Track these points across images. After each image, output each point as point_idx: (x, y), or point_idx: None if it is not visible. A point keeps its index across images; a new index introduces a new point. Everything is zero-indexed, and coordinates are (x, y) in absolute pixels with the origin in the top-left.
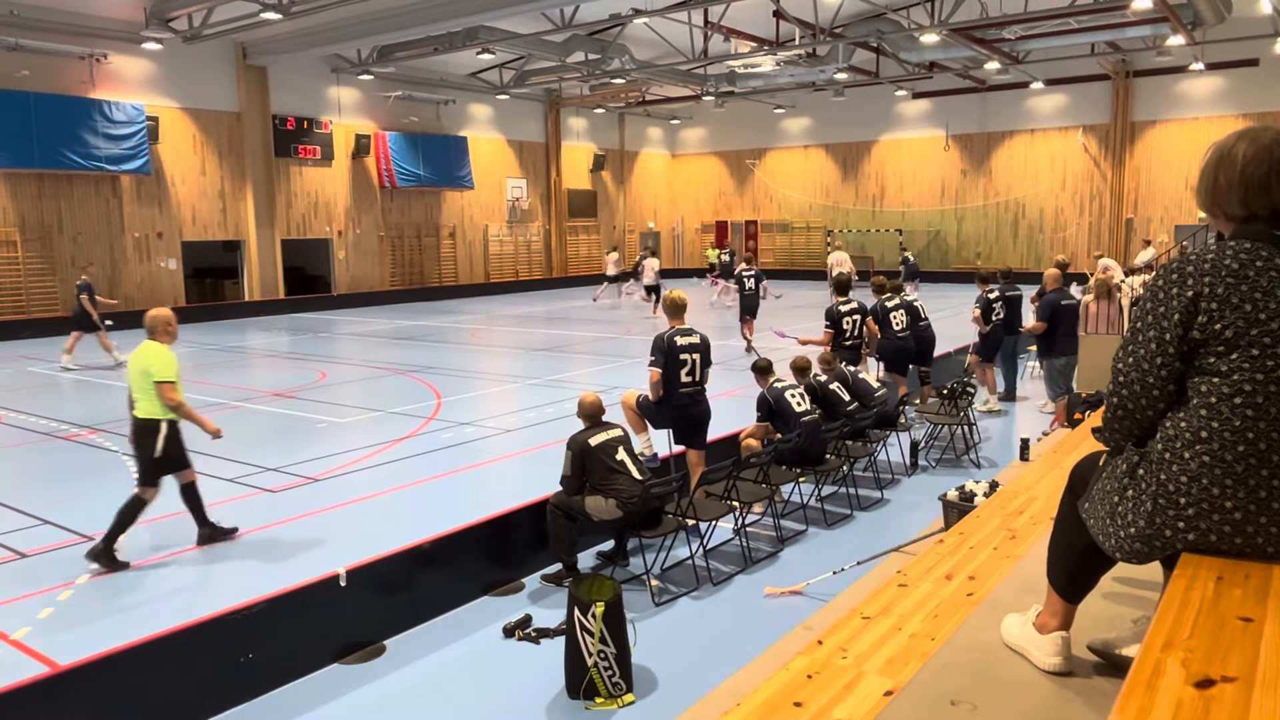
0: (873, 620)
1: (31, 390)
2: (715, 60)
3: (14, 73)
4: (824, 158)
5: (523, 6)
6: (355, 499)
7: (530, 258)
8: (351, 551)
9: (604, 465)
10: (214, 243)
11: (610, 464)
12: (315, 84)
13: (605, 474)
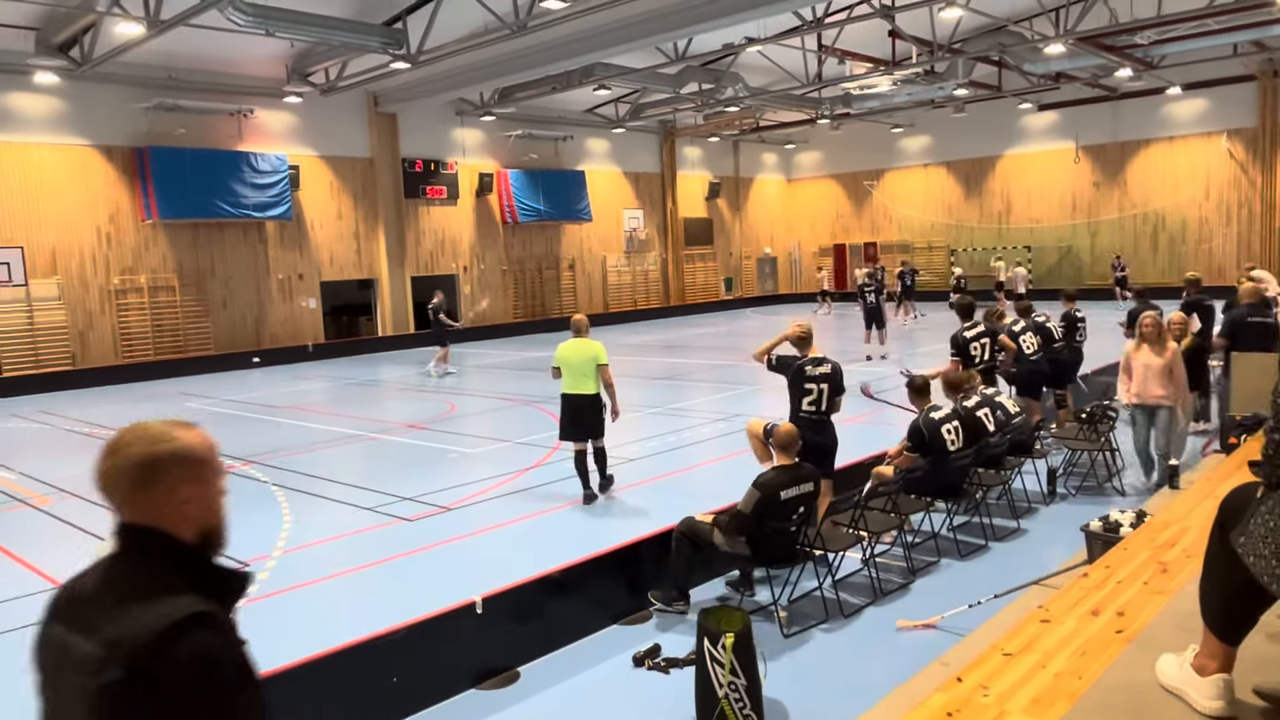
0: (1014, 657)
1: None
2: (830, 83)
3: (172, 131)
4: (945, 175)
5: (638, 42)
6: (486, 527)
7: (648, 287)
8: (485, 579)
9: (778, 517)
10: (350, 282)
11: (784, 520)
12: (441, 127)
13: (772, 523)
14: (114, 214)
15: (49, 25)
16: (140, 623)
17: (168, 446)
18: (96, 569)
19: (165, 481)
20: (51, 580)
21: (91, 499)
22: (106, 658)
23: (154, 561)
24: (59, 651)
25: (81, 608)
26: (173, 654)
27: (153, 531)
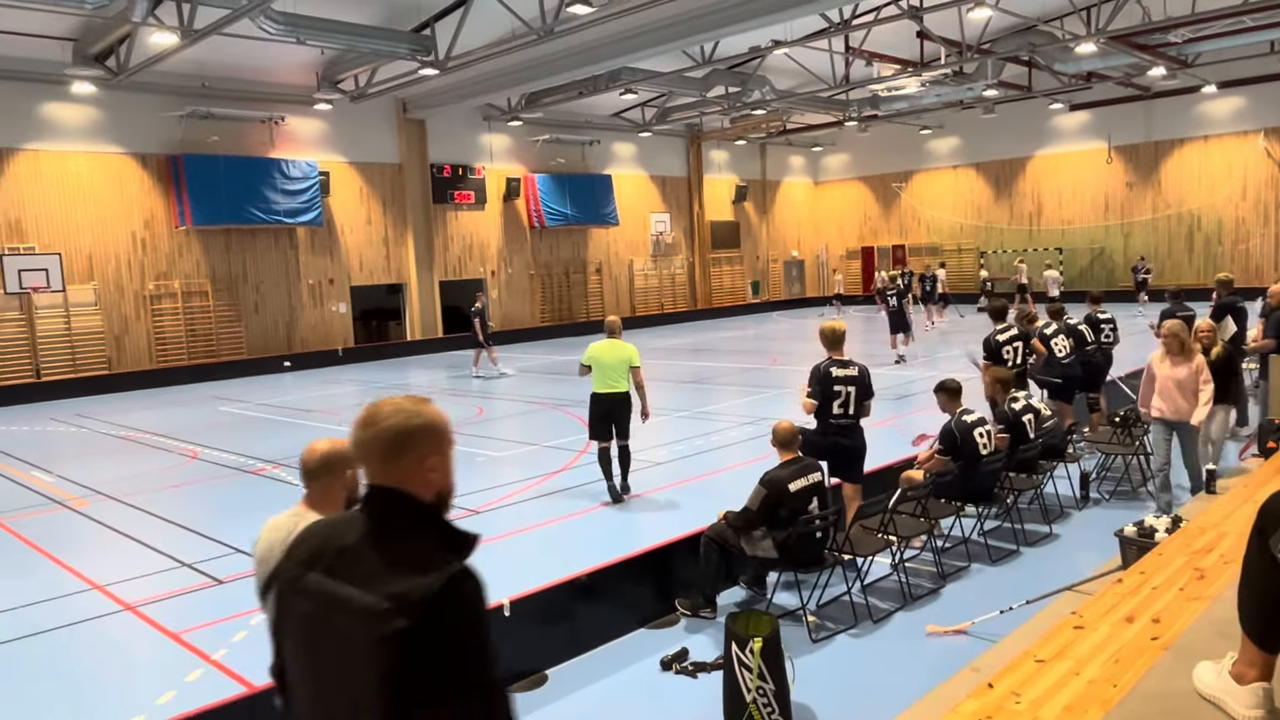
0: (1047, 664)
1: (223, 428)
2: (858, 85)
3: (205, 139)
4: (974, 177)
5: (664, 46)
6: (515, 530)
7: (675, 290)
8: (513, 582)
9: (792, 511)
10: (379, 286)
11: (798, 513)
12: (469, 133)
13: (788, 518)
14: (149, 220)
15: (86, 36)
16: (419, 579)
17: (419, 420)
18: (347, 524)
19: (416, 451)
20: (88, 580)
21: (128, 502)
22: (391, 610)
23: (406, 521)
24: (326, 599)
25: (347, 560)
26: (450, 605)
27: (401, 494)
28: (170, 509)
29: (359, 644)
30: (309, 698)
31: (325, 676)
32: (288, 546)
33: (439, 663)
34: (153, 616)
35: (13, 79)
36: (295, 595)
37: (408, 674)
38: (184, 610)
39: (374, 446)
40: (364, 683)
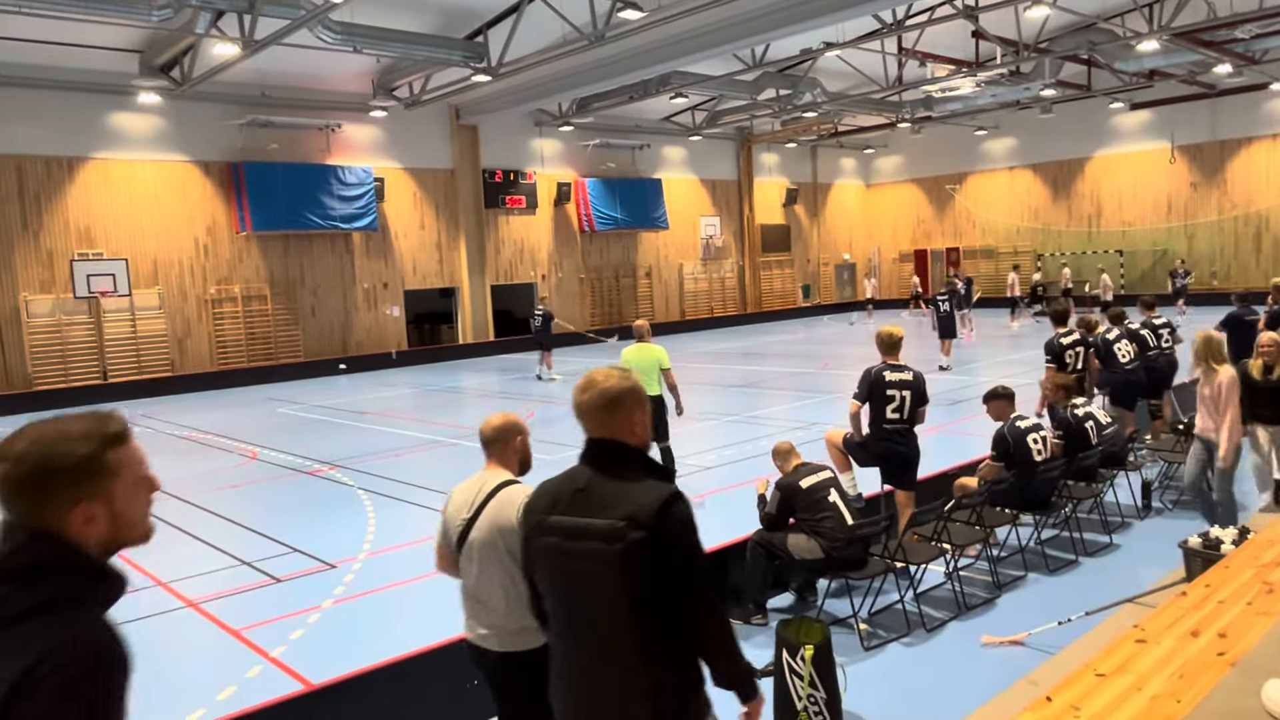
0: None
1: (281, 429)
2: (911, 86)
3: (265, 146)
4: (1031, 178)
5: (715, 50)
6: None
7: (724, 294)
8: None
9: (814, 506)
10: (431, 290)
11: (821, 506)
12: (520, 138)
13: (815, 515)
14: (210, 226)
15: (151, 48)
16: (645, 501)
17: (628, 385)
18: (574, 475)
19: (625, 409)
20: (152, 577)
21: (191, 501)
22: (628, 525)
23: (623, 462)
24: (570, 531)
25: (582, 499)
26: (672, 517)
27: (617, 442)
28: (231, 508)
29: (604, 557)
30: (566, 615)
31: (577, 593)
32: (531, 499)
33: (666, 563)
34: (214, 613)
35: (83, 90)
36: (542, 535)
37: (644, 574)
38: (244, 607)
39: (593, 406)
40: (612, 587)
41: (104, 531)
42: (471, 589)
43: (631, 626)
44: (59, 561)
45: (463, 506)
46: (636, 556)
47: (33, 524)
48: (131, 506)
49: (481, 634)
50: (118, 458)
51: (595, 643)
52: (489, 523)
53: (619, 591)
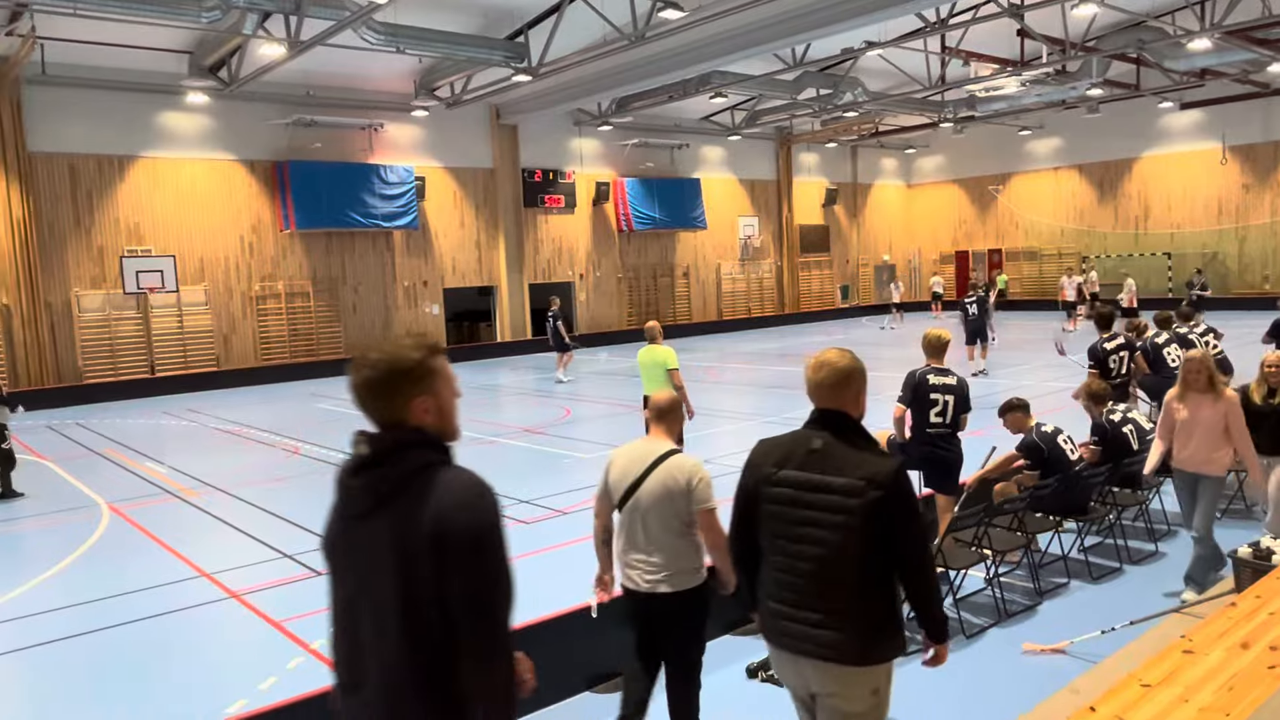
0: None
1: (322, 424)
2: (954, 86)
3: (309, 145)
4: (1077, 179)
5: (755, 49)
6: None
7: (762, 294)
8: None
9: None
10: (470, 289)
11: None
12: (559, 137)
13: None
14: (256, 224)
15: (200, 49)
16: (881, 467)
17: (857, 365)
18: (801, 437)
19: (854, 386)
20: (197, 568)
21: (235, 494)
22: (868, 485)
23: (852, 431)
24: (805, 484)
25: (816, 458)
26: (903, 483)
27: (844, 414)
28: (274, 502)
29: (844, 509)
30: (789, 553)
31: (806, 537)
32: (756, 455)
33: (893, 520)
34: (256, 604)
35: (134, 90)
36: (772, 485)
37: (876, 527)
38: (285, 600)
39: (826, 382)
40: (845, 535)
41: (434, 421)
42: (640, 542)
43: (855, 567)
44: (416, 440)
45: (629, 470)
46: (873, 512)
47: (388, 416)
48: (449, 402)
49: (651, 579)
50: (439, 363)
51: (815, 576)
52: (660, 484)
53: (852, 539)
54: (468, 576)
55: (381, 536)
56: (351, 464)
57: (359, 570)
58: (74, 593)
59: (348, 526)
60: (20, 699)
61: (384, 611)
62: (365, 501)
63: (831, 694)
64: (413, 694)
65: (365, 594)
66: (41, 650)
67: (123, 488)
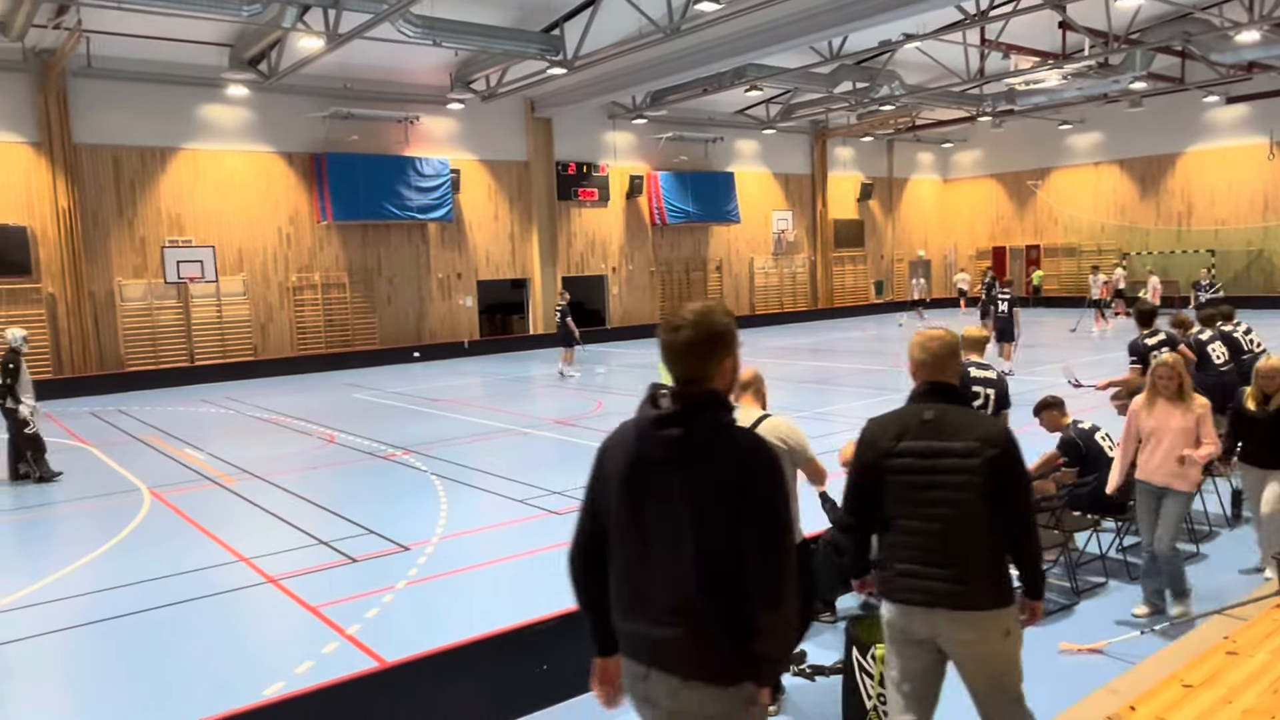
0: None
1: (357, 414)
2: (993, 79)
3: (346, 138)
4: (1118, 174)
5: (792, 42)
6: None
7: (795, 289)
8: None
9: None
10: (503, 281)
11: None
12: (594, 131)
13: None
14: (293, 216)
15: (241, 42)
16: (993, 428)
17: (956, 341)
18: (914, 409)
19: (956, 359)
20: (235, 553)
21: (272, 480)
22: (983, 444)
23: (958, 400)
24: (926, 451)
25: (930, 427)
26: (1014, 442)
27: (950, 385)
28: (310, 489)
29: (964, 471)
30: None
31: (926, 504)
32: (872, 433)
33: (1007, 476)
34: (293, 590)
35: (176, 83)
36: (893, 458)
37: (994, 483)
38: (321, 585)
39: (938, 356)
40: (969, 495)
41: (728, 382)
42: None
43: (980, 522)
44: (715, 400)
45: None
46: (991, 469)
47: (698, 373)
48: (739, 366)
49: None
50: (736, 329)
51: (944, 535)
52: None
53: (976, 497)
54: (762, 526)
55: (681, 485)
56: (655, 416)
57: (654, 514)
58: (116, 575)
59: (644, 472)
60: (62, 679)
61: (681, 554)
62: (668, 452)
63: (967, 641)
64: (709, 628)
65: (660, 537)
66: (84, 631)
67: (164, 473)
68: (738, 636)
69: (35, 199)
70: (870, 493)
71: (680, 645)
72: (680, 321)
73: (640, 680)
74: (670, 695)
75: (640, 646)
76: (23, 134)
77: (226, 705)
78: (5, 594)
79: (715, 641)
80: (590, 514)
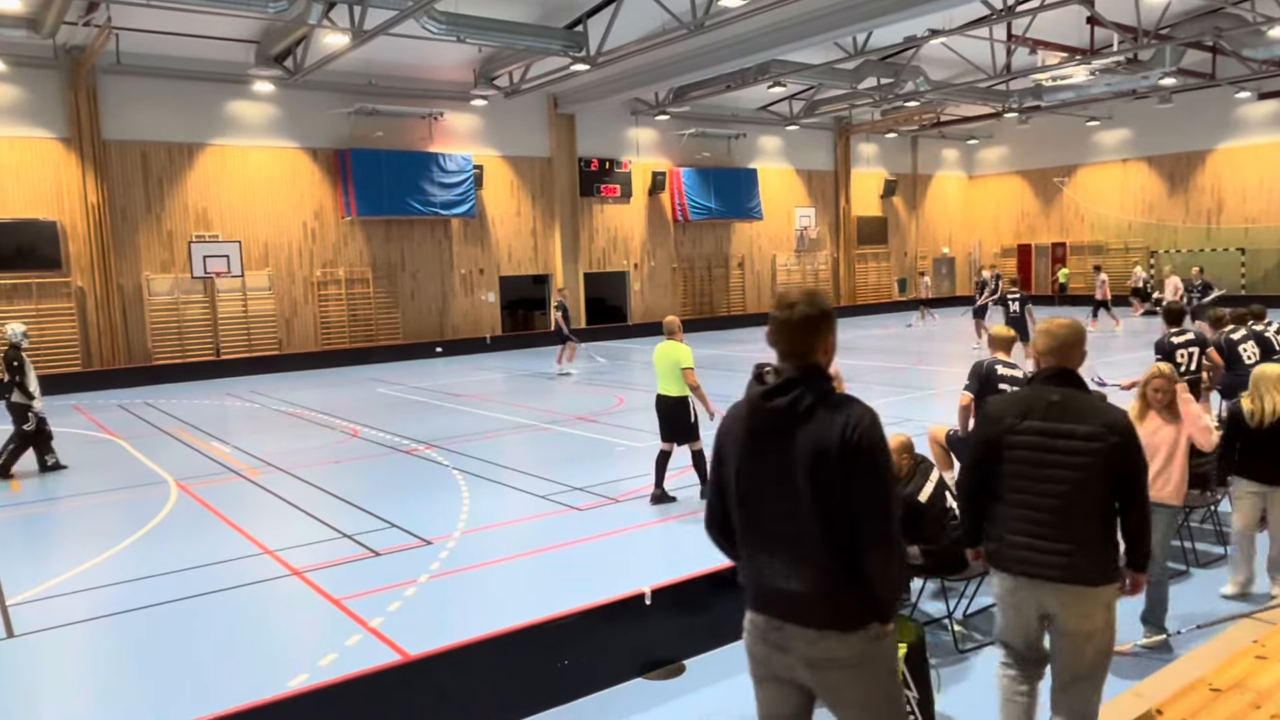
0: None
1: (380, 408)
2: (1019, 75)
3: (370, 134)
4: (1146, 171)
5: (816, 38)
6: (655, 520)
7: (818, 286)
8: (653, 572)
9: (936, 520)
10: (525, 277)
11: (942, 519)
12: (616, 127)
13: (935, 527)
14: (318, 211)
15: (267, 39)
16: (1117, 416)
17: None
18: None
19: (1081, 348)
20: (260, 545)
21: (296, 474)
22: (1107, 431)
23: (1081, 386)
24: (1048, 433)
25: (1056, 410)
26: (1134, 431)
27: (1074, 372)
28: (333, 483)
29: (1084, 454)
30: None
31: (1044, 480)
32: (995, 410)
33: (1127, 462)
34: (317, 582)
35: (202, 79)
36: (1017, 435)
37: (1114, 467)
38: (345, 578)
39: (1065, 342)
40: (1086, 476)
41: (829, 358)
42: None
43: (1093, 502)
44: (819, 372)
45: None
46: (1112, 455)
47: (806, 349)
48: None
49: None
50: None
51: (1059, 511)
52: None
53: (1093, 478)
54: (871, 480)
55: (795, 448)
56: (763, 390)
57: (773, 479)
58: (143, 566)
59: (759, 442)
60: (88, 669)
61: (801, 515)
62: (781, 420)
63: (1071, 613)
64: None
65: (781, 500)
66: (110, 621)
67: (190, 466)
68: (859, 585)
69: (65, 194)
70: (987, 467)
71: (811, 600)
72: (794, 300)
73: (774, 630)
74: (808, 645)
75: (772, 602)
76: (53, 130)
77: (251, 697)
78: (33, 584)
79: (841, 593)
80: (717, 491)
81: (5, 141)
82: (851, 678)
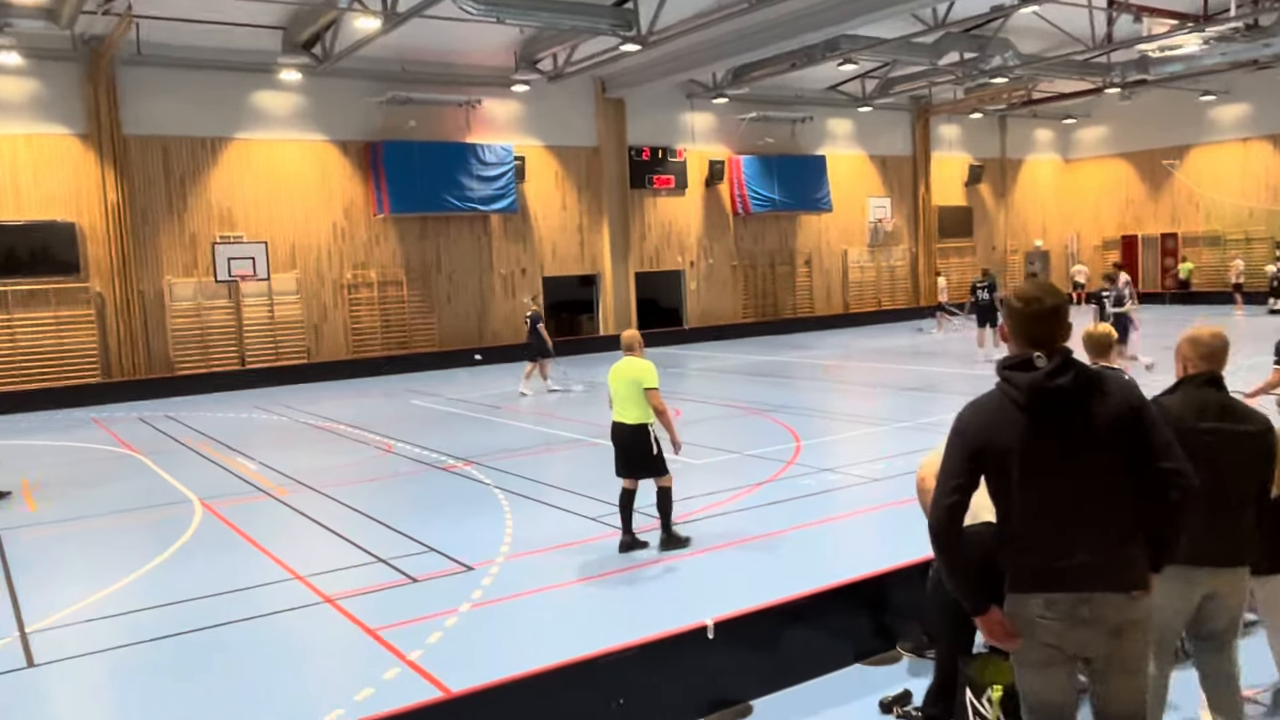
0: None
1: (416, 421)
2: (1122, 45)
3: (403, 124)
4: (1271, 152)
5: (891, 9)
6: (717, 545)
7: (894, 285)
8: (717, 602)
9: None
10: (570, 278)
11: None
12: (670, 112)
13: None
14: (348, 209)
15: (294, 24)
16: (1264, 416)
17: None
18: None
19: (1227, 354)
20: (290, 569)
21: (327, 493)
22: (1268, 432)
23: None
24: (1219, 433)
25: (1229, 411)
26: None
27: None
28: (367, 502)
29: (1251, 450)
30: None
31: (1220, 475)
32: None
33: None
34: (351, 610)
35: (227, 69)
36: (1192, 434)
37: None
38: (381, 607)
39: (1216, 351)
40: (1250, 469)
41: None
42: None
43: (1250, 492)
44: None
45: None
46: (1270, 451)
47: (1060, 335)
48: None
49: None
50: None
51: (1224, 499)
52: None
53: (1254, 472)
54: (1160, 431)
55: (1092, 419)
56: (1047, 370)
57: (1062, 450)
58: (167, 592)
59: (1047, 422)
60: (110, 702)
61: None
62: (1071, 395)
63: (1237, 591)
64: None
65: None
66: (134, 650)
67: (215, 483)
68: (1145, 543)
69: (84, 193)
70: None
71: (1120, 563)
72: (1040, 293)
73: (1083, 604)
74: (1118, 610)
75: (1080, 577)
76: (71, 126)
77: None
78: (53, 610)
79: (1139, 553)
80: (962, 488)
81: (22, 139)
82: (1141, 637)
